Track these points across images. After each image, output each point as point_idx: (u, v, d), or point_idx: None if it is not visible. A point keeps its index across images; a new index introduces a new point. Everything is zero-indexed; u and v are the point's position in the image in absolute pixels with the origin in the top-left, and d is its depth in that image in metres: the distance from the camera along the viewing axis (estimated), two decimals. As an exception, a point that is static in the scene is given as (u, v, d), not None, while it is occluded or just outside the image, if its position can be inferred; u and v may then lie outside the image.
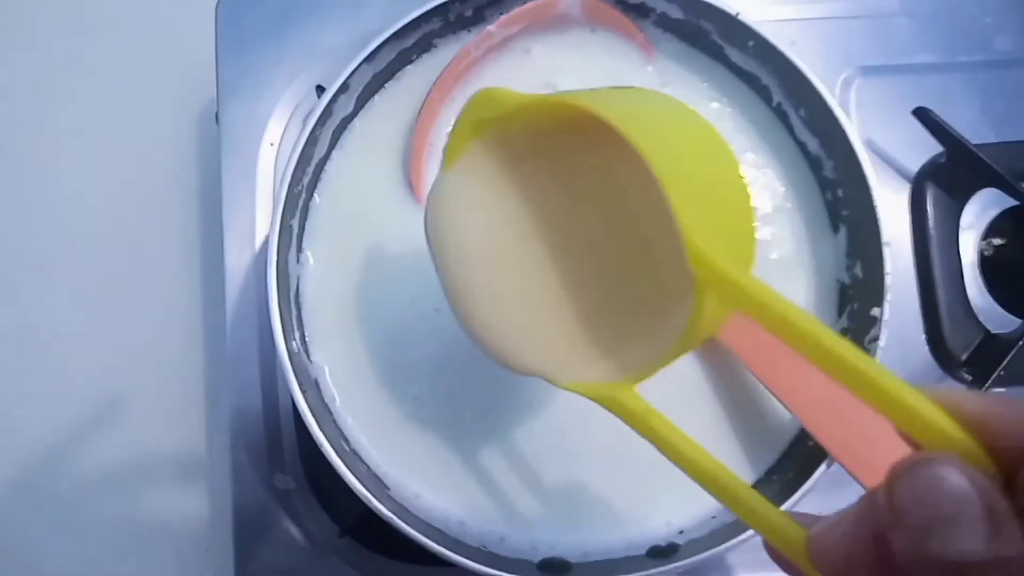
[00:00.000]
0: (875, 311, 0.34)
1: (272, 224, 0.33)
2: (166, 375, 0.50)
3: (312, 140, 0.35)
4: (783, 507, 0.32)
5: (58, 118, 0.53)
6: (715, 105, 0.39)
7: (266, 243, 0.42)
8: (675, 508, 0.33)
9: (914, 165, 0.43)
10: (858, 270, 0.35)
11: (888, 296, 0.33)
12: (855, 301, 0.35)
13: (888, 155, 0.43)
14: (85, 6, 0.54)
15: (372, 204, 0.37)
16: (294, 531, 0.40)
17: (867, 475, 0.30)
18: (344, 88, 0.35)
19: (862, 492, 0.29)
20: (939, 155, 0.42)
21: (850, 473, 0.30)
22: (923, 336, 0.41)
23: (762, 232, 0.37)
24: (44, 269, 0.51)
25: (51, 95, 0.53)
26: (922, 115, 0.40)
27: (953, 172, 0.41)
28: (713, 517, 0.34)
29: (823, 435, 0.31)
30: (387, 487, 0.34)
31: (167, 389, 0.50)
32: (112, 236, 0.51)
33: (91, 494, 0.48)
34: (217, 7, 0.44)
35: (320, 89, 0.42)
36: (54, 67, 0.53)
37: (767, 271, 0.37)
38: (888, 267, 0.33)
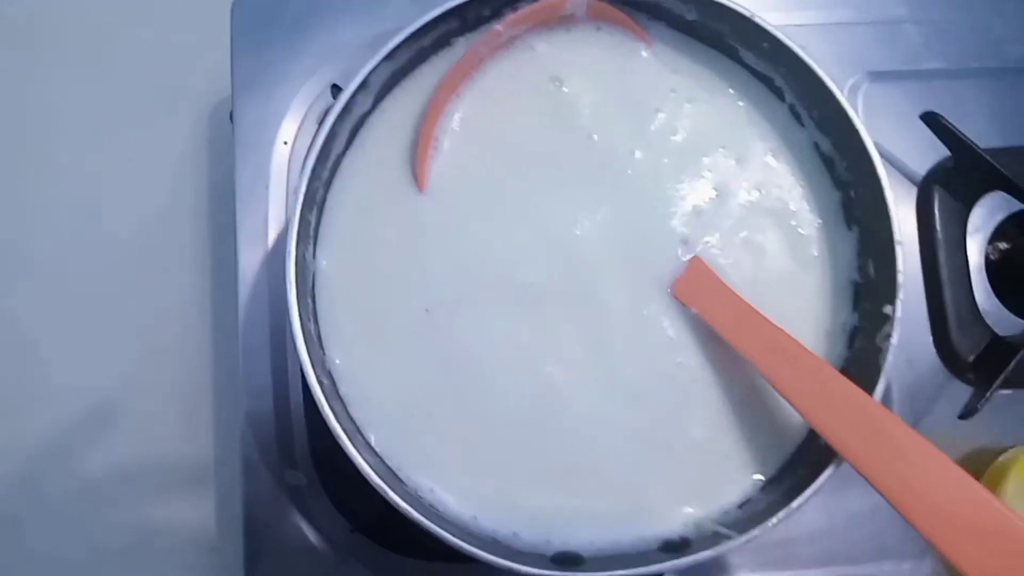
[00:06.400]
0: (887, 308, 0.34)
1: (291, 219, 0.33)
2: (174, 374, 0.50)
3: (331, 136, 0.35)
4: (793, 505, 0.32)
5: (70, 114, 0.53)
6: (731, 91, 0.39)
7: (279, 239, 0.42)
8: (696, 501, 0.33)
9: (921, 169, 0.43)
10: (870, 269, 0.36)
11: (900, 294, 0.34)
12: (867, 300, 0.36)
13: (895, 159, 0.43)
14: (101, 2, 0.55)
15: (380, 197, 0.37)
16: (305, 527, 0.40)
17: (877, 474, 0.30)
18: (364, 85, 0.35)
19: (871, 491, 0.29)
20: (946, 159, 0.42)
21: (859, 472, 0.30)
22: (930, 339, 0.41)
23: (789, 235, 0.38)
24: (52, 268, 0.51)
25: (64, 91, 0.53)
26: (930, 119, 0.40)
27: (960, 176, 0.42)
28: (740, 507, 0.34)
29: (831, 434, 0.31)
30: (401, 480, 0.34)
31: (174, 388, 0.50)
32: (121, 233, 0.51)
33: (95, 496, 0.48)
34: (233, 5, 0.44)
35: (335, 88, 0.42)
36: (69, 63, 0.54)
37: (792, 271, 0.37)
38: (900, 265, 0.34)
